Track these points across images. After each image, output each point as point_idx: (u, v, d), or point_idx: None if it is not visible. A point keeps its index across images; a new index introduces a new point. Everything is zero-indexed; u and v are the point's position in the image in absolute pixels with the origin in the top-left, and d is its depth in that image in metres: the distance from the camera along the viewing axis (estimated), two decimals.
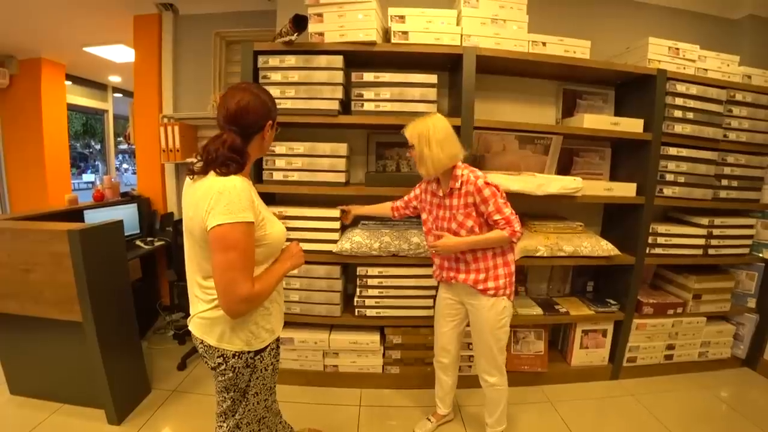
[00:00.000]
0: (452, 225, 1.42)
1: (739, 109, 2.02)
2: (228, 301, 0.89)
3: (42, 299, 1.60)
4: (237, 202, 0.87)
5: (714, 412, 1.96)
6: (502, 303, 1.43)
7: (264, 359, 1.03)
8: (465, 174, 1.38)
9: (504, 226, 1.35)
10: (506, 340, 1.50)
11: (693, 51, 1.94)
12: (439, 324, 1.65)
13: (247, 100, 0.94)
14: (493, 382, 1.52)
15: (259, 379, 1.05)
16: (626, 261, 2.03)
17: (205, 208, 0.87)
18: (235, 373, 0.99)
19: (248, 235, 0.89)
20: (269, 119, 0.99)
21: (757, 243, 2.20)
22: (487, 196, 1.34)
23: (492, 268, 1.42)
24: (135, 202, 2.67)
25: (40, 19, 2.71)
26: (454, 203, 1.41)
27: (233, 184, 0.88)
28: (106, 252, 1.67)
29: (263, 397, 1.09)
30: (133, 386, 1.84)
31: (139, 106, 2.78)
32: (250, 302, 0.91)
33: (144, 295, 2.55)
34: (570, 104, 2.20)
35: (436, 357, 1.70)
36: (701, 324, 2.20)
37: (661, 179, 1.98)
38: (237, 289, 0.87)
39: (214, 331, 0.97)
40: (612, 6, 2.20)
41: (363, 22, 1.67)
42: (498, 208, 1.35)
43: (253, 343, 0.99)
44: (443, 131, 1.35)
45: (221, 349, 0.97)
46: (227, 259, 0.86)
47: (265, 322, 1.02)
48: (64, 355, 1.72)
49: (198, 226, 0.90)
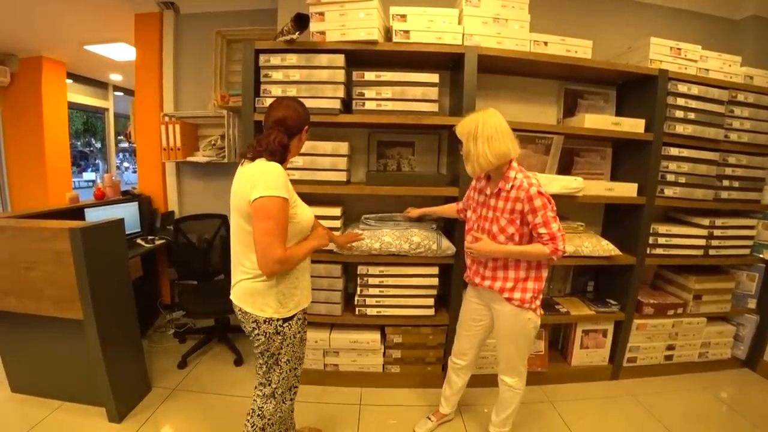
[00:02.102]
0: (493, 227, 1.37)
1: (741, 110, 2.02)
2: (265, 261, 1.07)
3: (43, 297, 1.60)
4: (276, 180, 1.07)
5: (714, 413, 1.96)
6: (527, 315, 1.40)
7: (292, 327, 1.20)
8: (518, 178, 1.32)
9: (547, 242, 1.30)
10: (529, 349, 1.48)
11: (695, 51, 1.94)
12: (463, 327, 1.63)
13: (291, 110, 1.19)
14: (511, 384, 1.51)
15: (289, 346, 1.22)
16: (627, 261, 2.03)
17: (251, 184, 1.07)
18: (266, 337, 1.17)
19: (284, 208, 1.08)
20: (306, 124, 1.23)
21: (757, 244, 2.20)
22: (538, 206, 1.28)
23: (522, 279, 1.39)
24: (136, 201, 2.67)
25: (40, 18, 2.71)
26: (499, 205, 1.36)
27: (275, 167, 1.11)
28: (108, 250, 1.67)
29: (294, 365, 1.27)
30: (134, 384, 1.85)
31: (140, 105, 2.78)
32: (283, 263, 1.09)
33: (145, 293, 2.55)
34: (571, 104, 2.20)
35: (452, 358, 1.68)
36: (701, 324, 2.20)
37: (662, 179, 1.98)
38: (272, 250, 1.06)
39: (249, 299, 1.16)
40: (614, 5, 2.19)
41: (365, 20, 1.67)
42: (546, 221, 1.29)
43: (281, 311, 1.17)
44: (492, 127, 1.29)
45: (254, 315, 1.15)
46: (266, 226, 1.05)
47: (291, 295, 1.19)
48: (65, 353, 1.72)
49: (243, 199, 1.09)
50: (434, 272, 1.93)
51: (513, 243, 1.35)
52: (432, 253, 1.86)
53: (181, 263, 2.39)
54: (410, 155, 2.19)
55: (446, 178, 1.96)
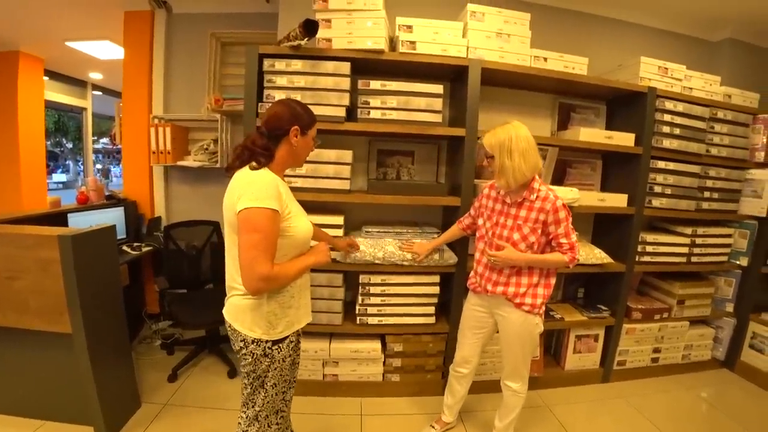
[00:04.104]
0: (513, 235, 1.39)
1: (720, 126, 2.16)
2: (248, 278, 0.98)
3: (27, 309, 1.50)
4: (264, 190, 0.98)
5: (697, 411, 2.06)
6: (534, 320, 1.43)
7: (282, 350, 1.10)
8: (543, 189, 1.36)
9: (566, 251, 1.37)
10: (533, 353, 1.51)
11: (680, 71, 2.06)
12: (465, 335, 1.64)
13: (277, 109, 1.09)
14: (515, 388, 1.53)
15: (277, 370, 1.12)
16: (617, 268, 2.12)
17: (237, 194, 0.99)
18: (253, 359, 1.08)
19: (272, 220, 0.98)
20: (294, 124, 1.08)
21: (734, 251, 2.34)
22: (562, 218, 1.34)
23: (534, 285, 1.42)
24: (122, 206, 2.55)
25: (23, 10, 2.56)
26: (521, 214, 1.38)
27: (262, 176, 1.02)
28: (99, 259, 1.59)
29: (281, 389, 1.17)
30: (124, 401, 1.75)
31: (128, 106, 2.67)
32: (269, 281, 0.99)
33: (130, 302, 2.43)
34: (564, 117, 2.28)
35: (454, 366, 1.69)
36: (684, 328, 2.31)
37: (650, 191, 2.08)
38: (257, 266, 0.96)
39: (239, 316, 1.07)
40: (602, 25, 2.29)
41: (372, 29, 1.68)
42: (567, 232, 1.36)
43: (270, 332, 1.07)
44: (525, 141, 1.31)
45: (243, 333, 1.06)
46: (251, 239, 0.96)
47: (284, 315, 1.09)
48: (49, 368, 1.61)
49: (231, 211, 1.01)
50: (435, 281, 1.94)
51: (531, 251, 1.39)
52: (434, 263, 1.87)
53: (170, 271, 2.30)
54: (410, 164, 2.21)
55: (446, 187, 1.98)
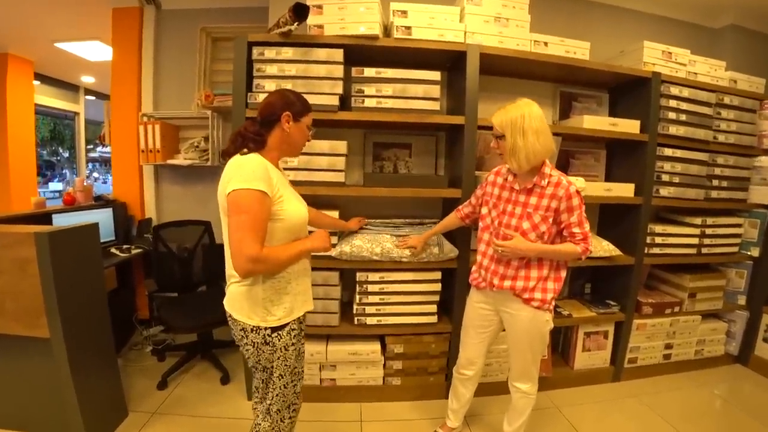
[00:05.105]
0: (523, 224, 1.29)
1: (727, 112, 2.09)
2: (237, 259, 0.98)
3: (3, 312, 1.40)
4: (252, 172, 0.99)
5: (713, 408, 1.97)
6: (544, 316, 1.34)
7: (282, 338, 1.09)
8: (554, 174, 1.27)
9: (579, 241, 1.27)
10: (543, 352, 1.42)
11: (684, 55, 1.99)
12: (468, 335, 1.53)
13: (270, 98, 1.13)
14: (525, 390, 1.44)
15: (281, 359, 1.11)
16: (626, 261, 2.03)
17: (227, 179, 1.01)
18: (255, 348, 1.08)
19: (260, 202, 0.98)
20: (285, 110, 1.10)
21: (745, 241, 2.26)
22: (575, 205, 1.25)
23: (543, 279, 1.32)
24: (110, 207, 2.46)
25: (7, 9, 2.50)
26: (531, 201, 1.29)
27: (251, 159, 1.03)
28: (79, 259, 1.50)
29: (289, 380, 1.15)
30: (109, 410, 1.65)
31: (117, 104, 2.60)
32: (257, 263, 0.98)
33: (119, 307, 2.34)
34: (566, 106, 2.21)
35: (458, 369, 1.58)
36: (696, 322, 2.22)
37: (658, 179, 2.01)
38: (245, 248, 0.96)
39: (237, 304, 1.07)
40: (604, 11, 2.24)
41: (365, 15, 1.61)
42: (580, 221, 1.26)
43: (268, 319, 1.07)
44: (539, 119, 1.22)
45: (241, 321, 1.07)
46: (239, 220, 0.97)
47: (279, 302, 1.08)
48: (28, 376, 1.51)
49: (223, 196, 1.02)
50: (437, 277, 1.85)
51: (542, 241, 1.29)
52: (434, 257, 1.79)
53: (160, 274, 2.21)
54: (407, 157, 2.13)
55: (445, 179, 1.91)
